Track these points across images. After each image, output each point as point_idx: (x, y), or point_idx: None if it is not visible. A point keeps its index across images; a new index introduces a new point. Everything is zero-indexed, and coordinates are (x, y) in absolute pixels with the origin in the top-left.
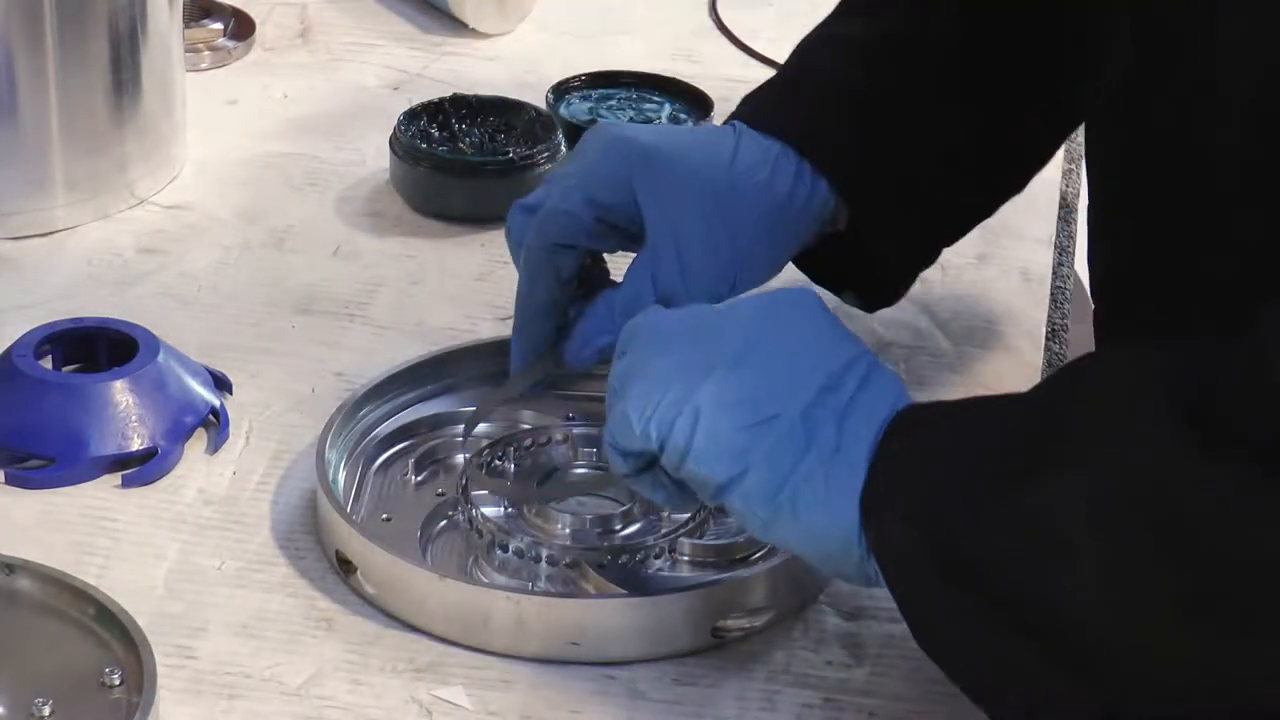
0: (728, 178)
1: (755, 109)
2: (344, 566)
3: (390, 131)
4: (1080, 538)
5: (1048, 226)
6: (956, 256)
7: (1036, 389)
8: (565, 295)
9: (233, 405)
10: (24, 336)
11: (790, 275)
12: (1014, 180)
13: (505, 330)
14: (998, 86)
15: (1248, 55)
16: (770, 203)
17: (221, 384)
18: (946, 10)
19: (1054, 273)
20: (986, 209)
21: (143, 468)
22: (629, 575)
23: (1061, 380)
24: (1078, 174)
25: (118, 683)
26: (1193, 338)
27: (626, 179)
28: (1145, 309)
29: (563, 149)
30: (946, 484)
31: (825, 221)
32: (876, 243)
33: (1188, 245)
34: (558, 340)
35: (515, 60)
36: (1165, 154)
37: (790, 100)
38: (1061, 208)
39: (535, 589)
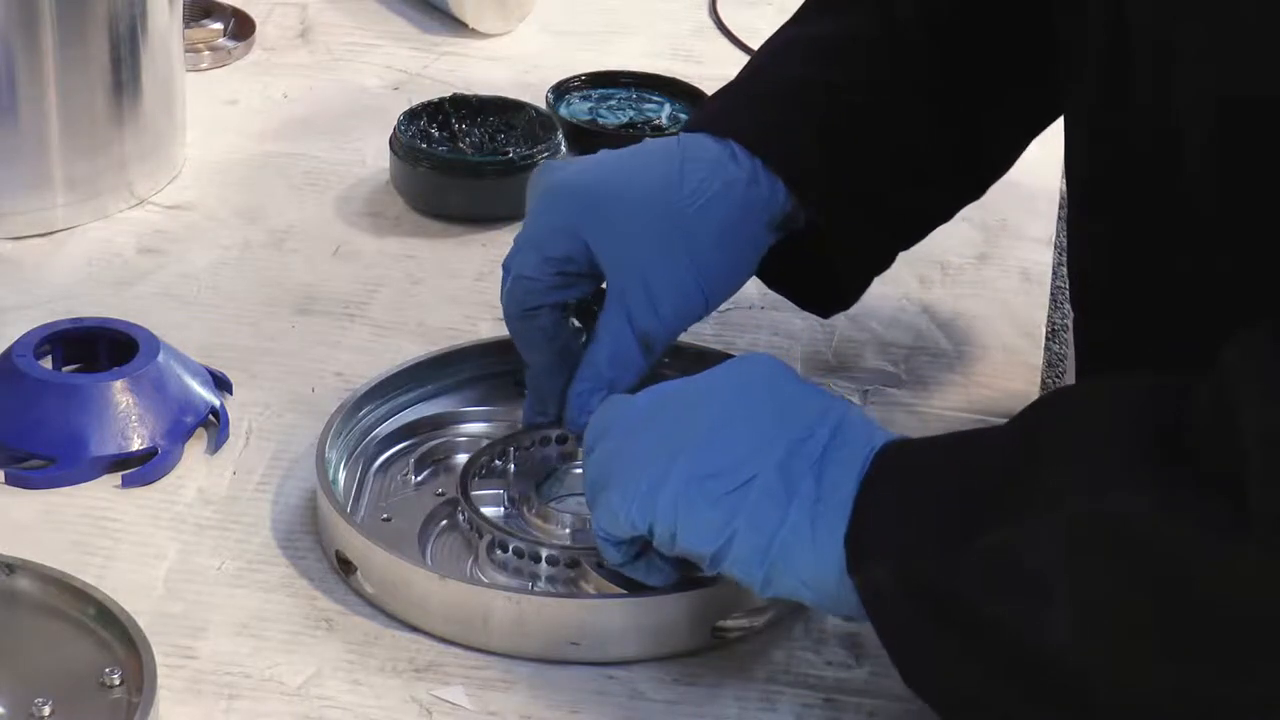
0: (679, 197)
1: (708, 114)
2: (344, 566)
3: (390, 131)
4: (1053, 578)
5: (1048, 226)
6: (956, 256)
7: (1010, 425)
8: (560, 347)
9: (233, 405)
10: (24, 336)
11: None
12: (975, 185)
13: (505, 330)
14: (962, 88)
15: (1202, 88)
16: (726, 213)
17: (221, 384)
18: (909, 10)
19: (1054, 273)
20: (945, 213)
21: (143, 468)
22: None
23: (1034, 419)
24: None
25: (118, 683)
26: (1168, 349)
27: (575, 229)
28: (1122, 319)
29: (563, 149)
30: (926, 530)
31: (786, 222)
32: (833, 243)
33: (1162, 258)
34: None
35: (515, 60)
36: (1137, 170)
37: (744, 101)
38: (1061, 208)
39: (535, 589)
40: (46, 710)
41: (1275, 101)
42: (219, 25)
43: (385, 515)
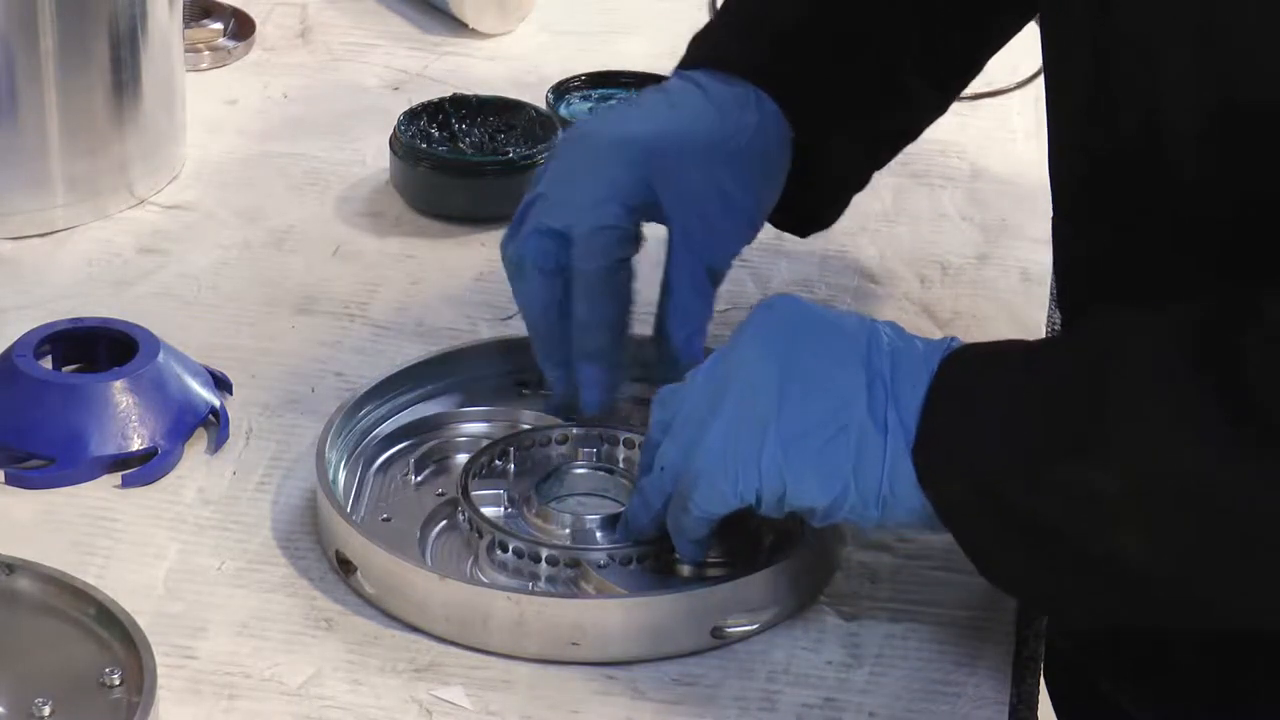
0: (726, 141)
1: (710, 51)
2: (344, 566)
3: (390, 131)
4: (1124, 507)
5: (1047, 226)
6: (956, 257)
7: (1074, 353)
8: (629, 304)
9: (233, 405)
10: (24, 336)
11: None
12: (943, 100)
13: (505, 330)
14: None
15: (1192, 92)
16: (764, 146)
17: (221, 384)
18: None
19: (1054, 273)
20: (915, 132)
21: (143, 468)
22: (629, 575)
23: (1096, 352)
24: None
25: (118, 683)
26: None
27: (647, 180)
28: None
29: None
30: (999, 454)
31: (793, 145)
32: (820, 166)
33: (1147, 264)
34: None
35: (515, 60)
36: (1123, 179)
37: (741, 35)
38: None
39: (535, 589)
40: (46, 710)
41: (1265, 106)
42: (219, 25)
43: (385, 515)
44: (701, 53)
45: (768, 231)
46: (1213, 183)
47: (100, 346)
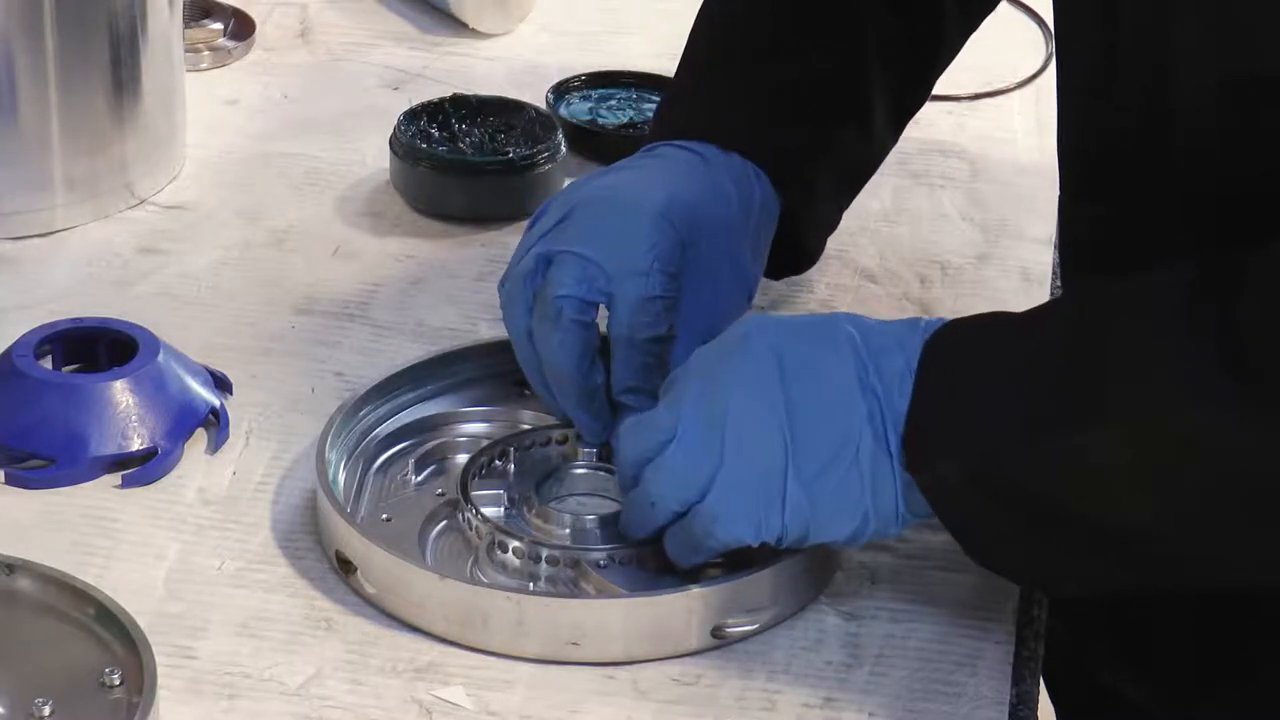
0: (739, 214)
1: (706, 121)
2: (344, 566)
3: (390, 131)
4: (1126, 475)
5: (1048, 226)
6: (956, 257)
7: (1064, 318)
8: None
9: (233, 405)
10: (24, 336)
11: None
12: (899, 131)
13: (505, 330)
14: (908, 47)
15: (1201, 66)
16: (764, 220)
17: (221, 384)
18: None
19: (1054, 273)
20: (876, 168)
21: (143, 468)
22: (629, 575)
23: (1091, 313)
24: None
25: (118, 683)
26: None
27: (682, 246)
28: None
29: (563, 149)
30: (994, 431)
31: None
32: (801, 222)
33: (1152, 240)
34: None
35: (515, 60)
36: (1130, 156)
37: (730, 110)
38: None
39: (535, 589)
40: (46, 710)
41: (1275, 79)
42: (219, 25)
43: (385, 515)
44: (688, 122)
45: None
46: (1220, 157)
47: (100, 346)
